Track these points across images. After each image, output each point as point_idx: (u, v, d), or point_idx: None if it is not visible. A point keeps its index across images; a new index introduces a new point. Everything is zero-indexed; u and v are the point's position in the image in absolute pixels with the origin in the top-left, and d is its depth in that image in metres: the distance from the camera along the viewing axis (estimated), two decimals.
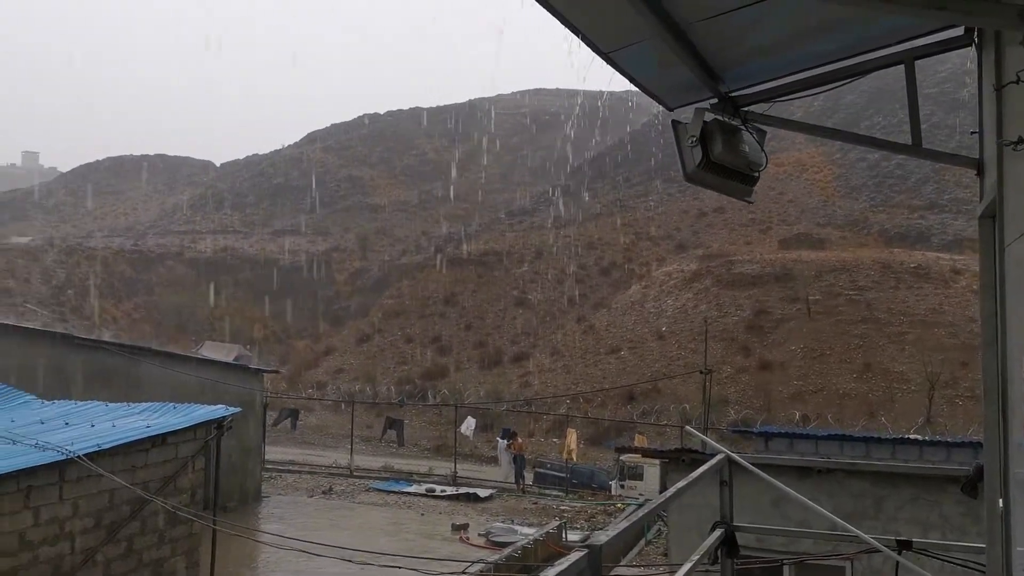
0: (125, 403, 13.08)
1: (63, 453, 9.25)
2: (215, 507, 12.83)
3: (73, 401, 13.32)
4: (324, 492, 24.82)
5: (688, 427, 10.38)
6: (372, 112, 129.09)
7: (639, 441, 31.67)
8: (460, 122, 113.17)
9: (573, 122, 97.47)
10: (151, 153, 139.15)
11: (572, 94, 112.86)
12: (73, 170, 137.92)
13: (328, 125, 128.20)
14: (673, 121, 4.14)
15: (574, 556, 2.32)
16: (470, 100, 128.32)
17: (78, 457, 9.30)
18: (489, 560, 15.29)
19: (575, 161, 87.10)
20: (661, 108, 4.47)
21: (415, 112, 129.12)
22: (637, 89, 4.14)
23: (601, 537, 2.47)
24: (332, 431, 40.10)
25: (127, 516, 10.19)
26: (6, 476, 8.62)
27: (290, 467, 28.65)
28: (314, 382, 52.15)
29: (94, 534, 9.77)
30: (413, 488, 25.88)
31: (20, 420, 11.47)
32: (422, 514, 22.52)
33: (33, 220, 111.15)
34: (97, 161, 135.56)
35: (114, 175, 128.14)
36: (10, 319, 26.13)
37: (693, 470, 4.55)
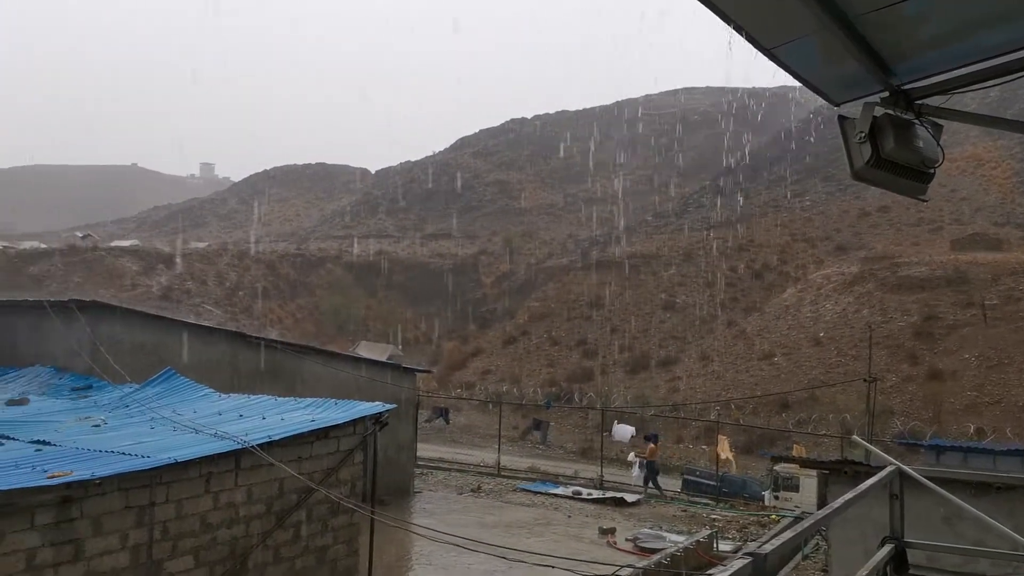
0: (291, 397, 13.88)
1: (239, 443, 9.91)
2: (373, 499, 13.37)
3: (246, 395, 14.23)
4: (473, 490, 25.34)
5: (855, 437, 9.88)
6: (519, 117, 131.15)
7: (797, 451, 30.42)
8: (607, 124, 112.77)
9: (726, 120, 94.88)
10: (312, 162, 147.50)
11: (724, 92, 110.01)
12: (244, 180, 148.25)
13: (477, 131, 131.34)
14: (840, 117, 3.96)
15: (738, 563, 2.27)
16: (617, 101, 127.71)
17: (252, 447, 9.94)
18: (638, 565, 15.13)
19: (727, 161, 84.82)
20: (819, 104, 4.32)
21: (561, 115, 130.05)
22: (793, 85, 4.00)
23: (767, 546, 2.41)
24: (480, 431, 40.88)
25: (294, 504, 10.81)
26: (190, 463, 9.36)
27: (440, 464, 29.44)
28: (462, 382, 53.37)
29: (265, 519, 10.42)
30: (560, 490, 25.97)
31: (201, 411, 12.38)
32: (568, 516, 22.56)
33: (209, 226, 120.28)
34: (265, 171, 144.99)
35: (280, 184, 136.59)
36: (191, 318, 28.33)
37: (856, 483, 4.34)
